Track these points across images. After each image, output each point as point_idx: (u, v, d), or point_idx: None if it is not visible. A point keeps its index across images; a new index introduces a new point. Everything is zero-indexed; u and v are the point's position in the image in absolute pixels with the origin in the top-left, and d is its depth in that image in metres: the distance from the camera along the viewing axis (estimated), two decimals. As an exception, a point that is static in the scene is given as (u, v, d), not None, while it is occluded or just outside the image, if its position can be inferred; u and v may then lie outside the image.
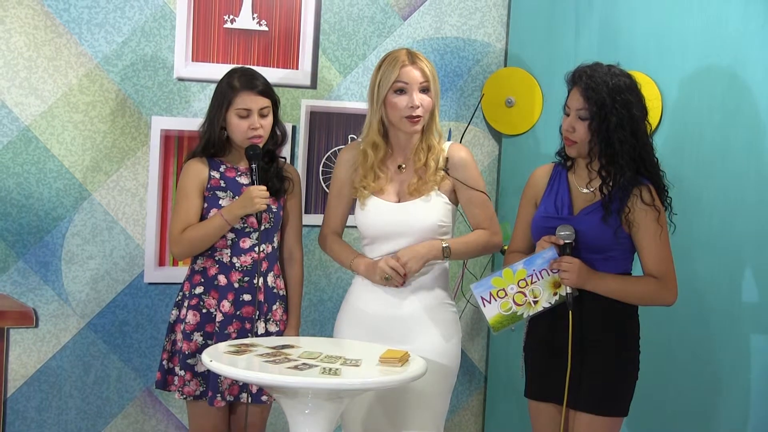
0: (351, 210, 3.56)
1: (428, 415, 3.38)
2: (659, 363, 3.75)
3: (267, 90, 3.54)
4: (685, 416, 3.85)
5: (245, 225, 3.52)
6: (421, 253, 3.35)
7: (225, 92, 3.52)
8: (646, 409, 3.79)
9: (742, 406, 3.70)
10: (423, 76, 3.37)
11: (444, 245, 3.36)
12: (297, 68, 4.23)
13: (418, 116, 3.36)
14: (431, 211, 3.39)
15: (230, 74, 3.56)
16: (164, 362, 3.59)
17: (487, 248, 3.50)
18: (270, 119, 3.55)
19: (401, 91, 3.36)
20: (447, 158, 3.43)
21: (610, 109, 3.12)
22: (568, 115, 3.22)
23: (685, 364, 3.85)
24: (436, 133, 3.43)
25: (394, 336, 3.36)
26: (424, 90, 3.37)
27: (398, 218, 3.39)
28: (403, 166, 3.45)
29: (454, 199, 3.46)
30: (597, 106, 3.13)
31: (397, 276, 3.34)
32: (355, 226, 3.54)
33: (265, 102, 3.52)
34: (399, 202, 3.42)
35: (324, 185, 4.32)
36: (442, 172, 3.41)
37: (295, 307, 3.66)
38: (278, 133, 3.61)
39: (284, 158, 3.71)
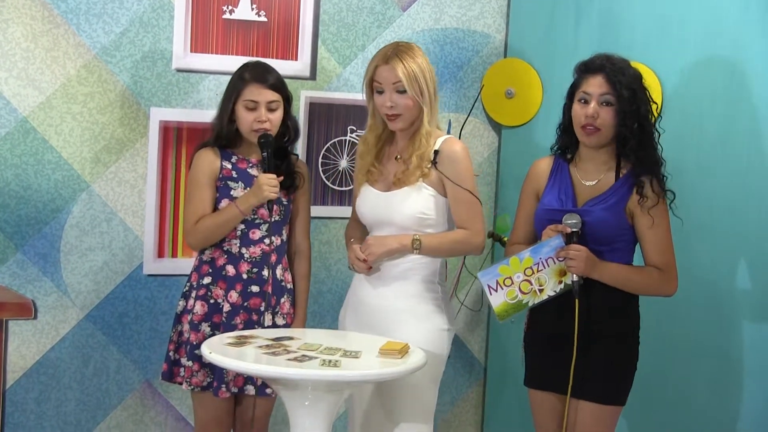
0: None
1: (415, 406, 3.35)
2: (657, 353, 3.75)
3: (278, 85, 3.51)
4: (683, 406, 3.85)
5: (255, 216, 3.51)
6: (386, 241, 3.34)
7: (235, 83, 3.51)
8: (644, 400, 3.79)
9: (740, 396, 3.70)
10: (395, 77, 3.31)
11: (414, 237, 3.34)
12: (296, 59, 4.22)
13: (394, 114, 3.34)
14: (412, 201, 3.36)
15: (243, 66, 3.54)
16: (171, 353, 3.58)
17: (463, 248, 3.42)
18: (279, 114, 3.51)
19: (379, 92, 3.36)
20: (438, 151, 3.36)
21: (640, 94, 3.16)
22: (586, 102, 3.20)
23: (683, 355, 3.85)
24: (424, 134, 3.35)
25: (380, 326, 3.35)
26: (400, 91, 3.32)
27: (382, 207, 3.40)
28: (399, 156, 3.45)
29: (445, 192, 3.42)
30: (628, 91, 3.15)
31: (357, 262, 3.35)
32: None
33: (273, 96, 3.49)
34: (387, 191, 3.42)
35: (323, 176, 4.31)
36: (429, 164, 3.36)
37: (302, 300, 3.65)
38: (290, 129, 3.59)
39: (297, 155, 3.69)
